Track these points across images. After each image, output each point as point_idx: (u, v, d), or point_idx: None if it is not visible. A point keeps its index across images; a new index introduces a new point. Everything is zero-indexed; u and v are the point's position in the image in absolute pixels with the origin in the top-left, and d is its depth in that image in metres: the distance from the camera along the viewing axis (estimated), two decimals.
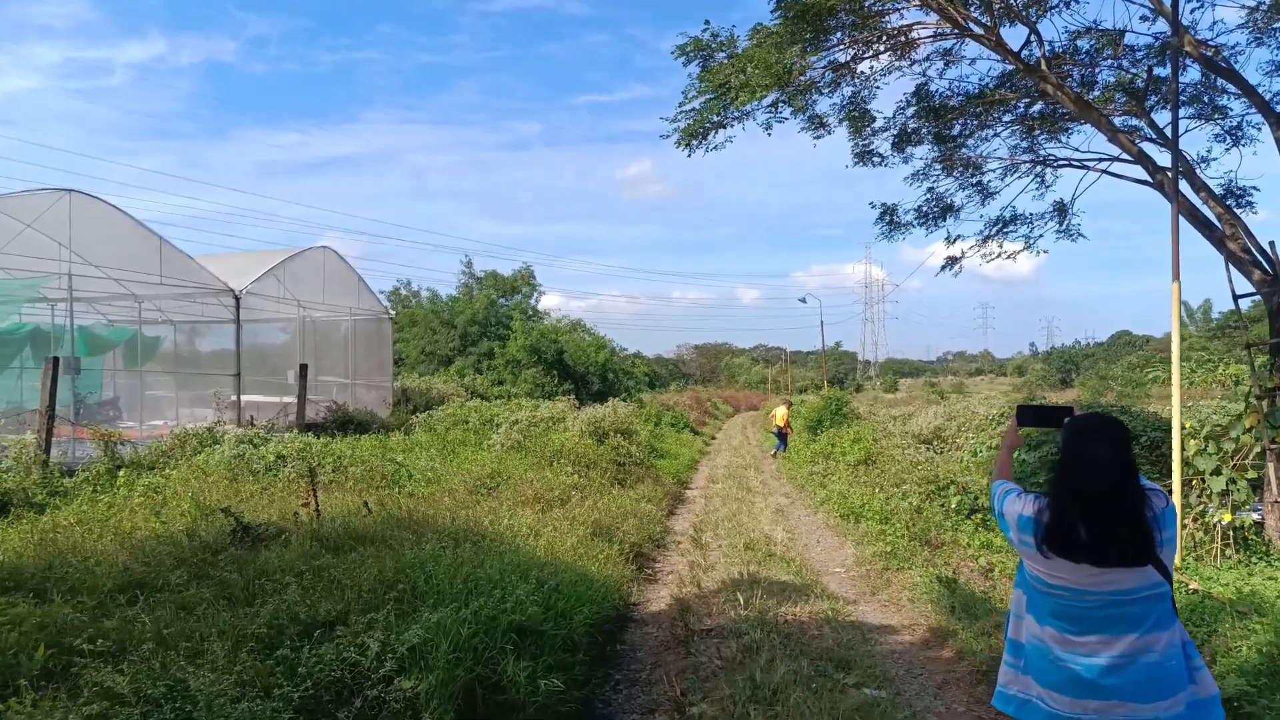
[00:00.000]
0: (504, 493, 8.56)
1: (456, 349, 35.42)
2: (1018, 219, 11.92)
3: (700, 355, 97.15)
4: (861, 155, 12.24)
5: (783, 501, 12.42)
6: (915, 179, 11.95)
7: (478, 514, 7.03)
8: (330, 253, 18.92)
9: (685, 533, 9.35)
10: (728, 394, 58.48)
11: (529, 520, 6.94)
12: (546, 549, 6.04)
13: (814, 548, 8.80)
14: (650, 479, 12.60)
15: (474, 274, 41.59)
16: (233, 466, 9.34)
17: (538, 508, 7.96)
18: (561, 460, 11.04)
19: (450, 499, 8.07)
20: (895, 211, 12.26)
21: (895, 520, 9.33)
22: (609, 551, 6.53)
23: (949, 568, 7.54)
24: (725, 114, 8.28)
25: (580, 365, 30.70)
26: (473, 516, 6.86)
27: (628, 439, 13.87)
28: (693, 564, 7.39)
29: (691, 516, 10.74)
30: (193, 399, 19.87)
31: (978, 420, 16.93)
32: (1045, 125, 11.62)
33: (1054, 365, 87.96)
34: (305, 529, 6.33)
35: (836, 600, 6.12)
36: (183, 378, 20.60)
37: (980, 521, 9.49)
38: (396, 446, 13.19)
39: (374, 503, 7.44)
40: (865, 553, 7.94)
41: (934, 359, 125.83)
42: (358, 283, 19.87)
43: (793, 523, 10.38)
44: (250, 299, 17.23)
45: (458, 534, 6.10)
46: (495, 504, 7.80)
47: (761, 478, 15.85)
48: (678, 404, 34.37)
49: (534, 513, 7.58)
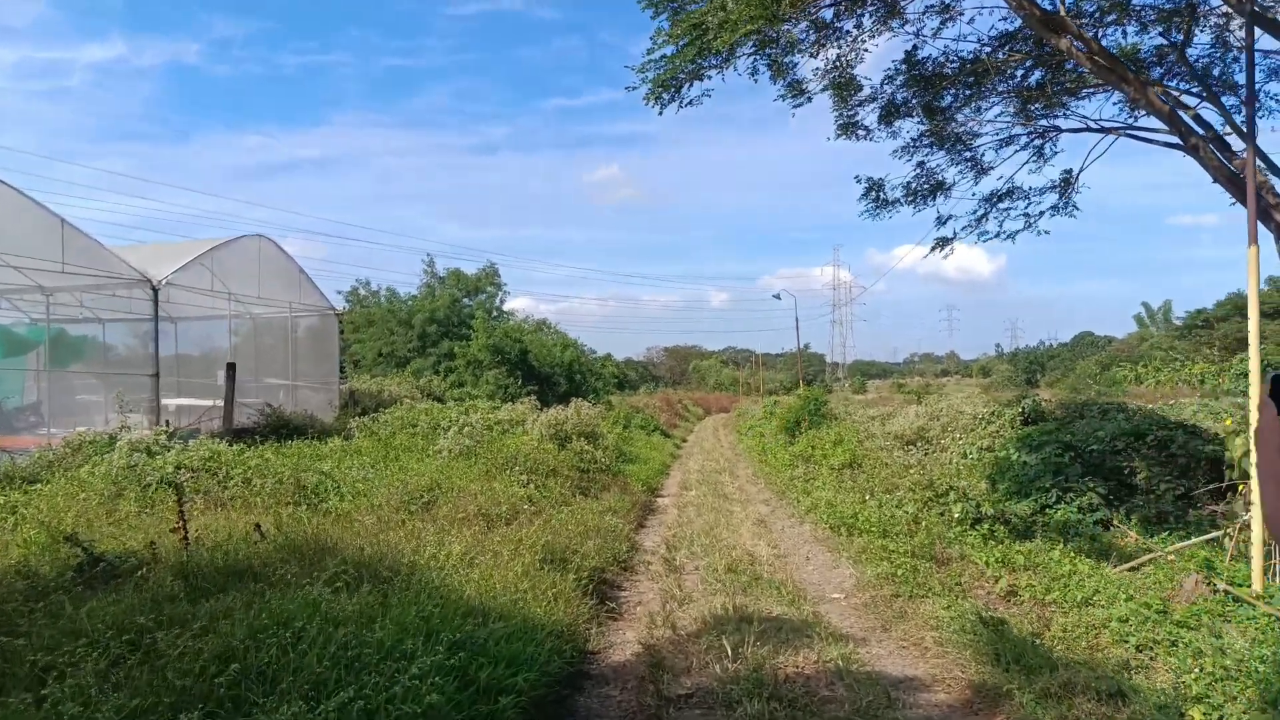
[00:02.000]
0: (441, 508, 7.22)
1: (415, 350, 33.75)
2: (1015, 193, 10.93)
3: (670, 358, 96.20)
4: (845, 128, 11.17)
5: (763, 510, 11.23)
6: (905, 152, 10.89)
7: (398, 539, 5.68)
8: (266, 242, 17.31)
9: (656, 550, 8.09)
10: (698, 396, 57.48)
11: (463, 545, 5.61)
12: (479, 586, 4.73)
13: (805, 566, 7.60)
14: (617, 487, 11.32)
15: (436, 273, 39.92)
16: (119, 480, 7.85)
17: (478, 527, 6.63)
18: (515, 468, 9.71)
19: (374, 518, 6.70)
20: (882, 187, 11.19)
21: (895, 533, 8.19)
22: (562, 583, 5.24)
23: (962, 589, 6.41)
24: (703, 61, 7.06)
25: (545, 366, 29.29)
26: (391, 542, 5.51)
27: (592, 443, 12.58)
28: (665, 593, 6.13)
29: (663, 530, 9.49)
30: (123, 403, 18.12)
31: (964, 420, 15.98)
32: (1043, 96, 10.63)
33: (1019, 366, 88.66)
34: (171, 561, 4.94)
35: (844, 641, 4.91)
36: (111, 380, 18.83)
37: (987, 532, 8.41)
38: (330, 454, 11.73)
39: (276, 524, 6.07)
40: (867, 574, 6.75)
41: (900, 360, 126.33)
42: (299, 275, 18.28)
43: (777, 536, 9.19)
44: (173, 291, 15.59)
45: (366, 566, 4.76)
46: (426, 524, 6.45)
47: (738, 483, 14.67)
48: (648, 406, 33.16)
49: (474, 533, 6.25)
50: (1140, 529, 9.28)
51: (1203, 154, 7.18)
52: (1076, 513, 9.39)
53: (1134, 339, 70.71)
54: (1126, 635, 4.67)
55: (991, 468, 11.51)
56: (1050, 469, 10.29)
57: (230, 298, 16.46)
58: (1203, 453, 10.52)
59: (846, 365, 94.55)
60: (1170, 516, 9.33)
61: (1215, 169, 7.10)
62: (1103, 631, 4.90)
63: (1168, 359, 37.70)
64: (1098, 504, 9.57)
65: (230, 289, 17.10)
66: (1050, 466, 10.35)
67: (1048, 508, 9.71)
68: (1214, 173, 7.13)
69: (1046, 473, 10.21)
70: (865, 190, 11.37)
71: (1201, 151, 7.18)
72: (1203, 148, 7.20)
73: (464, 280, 39.75)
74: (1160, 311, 76.51)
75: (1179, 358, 37.14)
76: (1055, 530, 8.88)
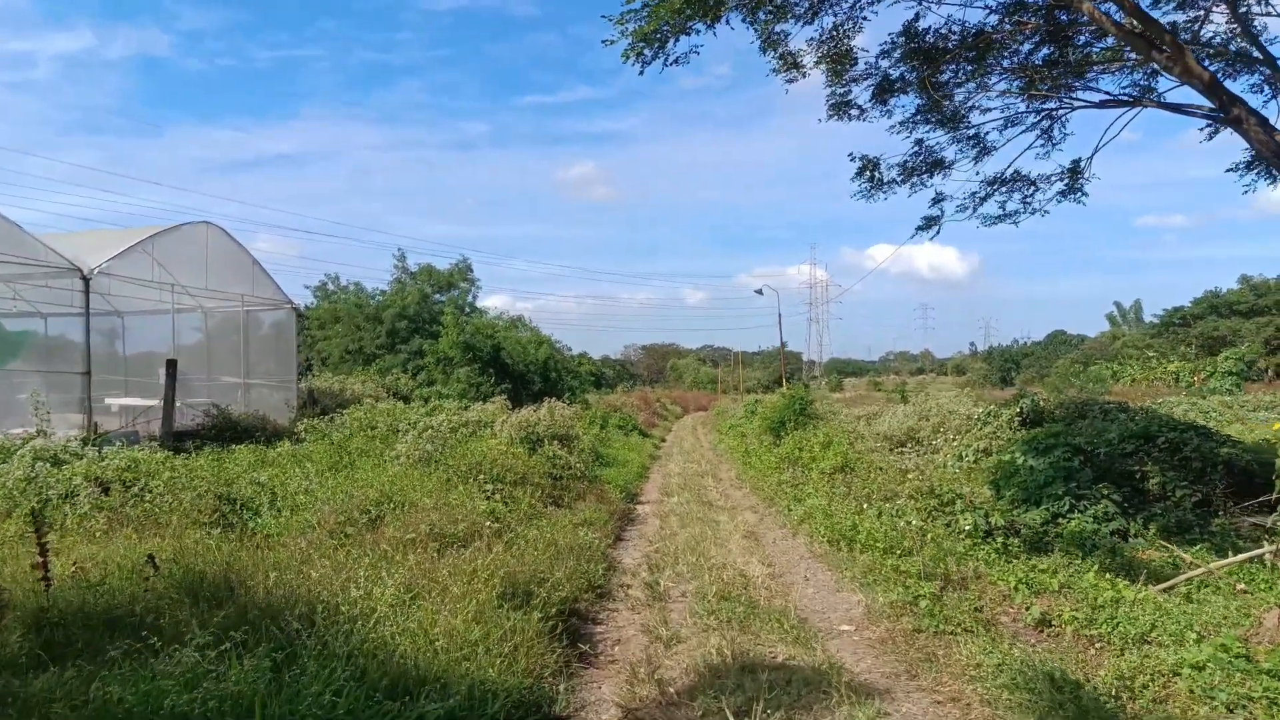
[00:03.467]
0: (387, 527, 6.23)
1: (384, 347, 32.52)
2: (1019, 179, 10.19)
3: (648, 356, 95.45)
4: (838, 106, 10.37)
5: (751, 519, 10.36)
6: (903, 127, 10.10)
7: (325, 571, 4.69)
8: (215, 230, 16.09)
9: (637, 571, 7.17)
10: (676, 394, 56.69)
11: (403, 578, 4.63)
12: (417, 638, 3.78)
13: (804, 589, 6.73)
14: (593, 495, 10.39)
15: (408, 268, 38.63)
16: (13, 496, 6.76)
17: (428, 551, 5.66)
18: (480, 477, 8.74)
19: (305, 541, 5.70)
20: (877, 166, 10.38)
21: (901, 549, 7.36)
22: (524, 626, 4.31)
23: (987, 620, 5.58)
24: (690, 10, 6.14)
25: (519, 364, 28.20)
26: (314, 577, 4.52)
27: (567, 447, 11.62)
28: (649, 631, 5.21)
29: (644, 544, 8.58)
30: (64, 402, 16.80)
31: (957, 421, 15.27)
32: (1049, 77, 9.89)
33: (994, 364, 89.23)
34: (27, 606, 3.92)
35: (868, 696, 4.03)
36: (52, 379, 17.50)
37: (1001, 547, 7.61)
38: (276, 460, 10.66)
39: (176, 553, 5.05)
40: (878, 600, 5.89)
41: (876, 359, 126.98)
42: (252, 267, 17.08)
43: (770, 551, 8.32)
44: (112, 282, 14.37)
45: (273, 614, 3.78)
46: (363, 550, 5.46)
47: (721, 488, 13.81)
48: (625, 405, 32.23)
49: (421, 560, 5.28)
50: (1159, 539, 8.57)
51: (1247, 126, 6.42)
52: (1092, 522, 8.65)
53: (1106, 337, 71.32)
54: (1210, 690, 3.84)
55: (995, 472, 10.75)
56: (1060, 474, 9.54)
57: (175, 289, 15.24)
58: (1218, 456, 9.85)
59: (823, 363, 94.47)
60: (1193, 526, 8.63)
61: (1261, 142, 6.36)
62: (1174, 681, 4.09)
63: (1144, 357, 37.72)
64: (1113, 512, 8.83)
65: (176, 280, 15.88)
66: (1060, 471, 9.60)
67: (1060, 517, 8.96)
68: (1260, 146, 6.39)
69: (1057, 478, 9.45)
70: (859, 170, 10.56)
71: (1246, 124, 6.42)
72: (1246, 119, 6.45)
73: (436, 276, 38.52)
74: (1131, 310, 77.43)
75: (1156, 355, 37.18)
76: (1070, 541, 8.12)
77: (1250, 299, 38.59)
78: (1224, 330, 37.23)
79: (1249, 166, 9.27)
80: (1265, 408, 20.73)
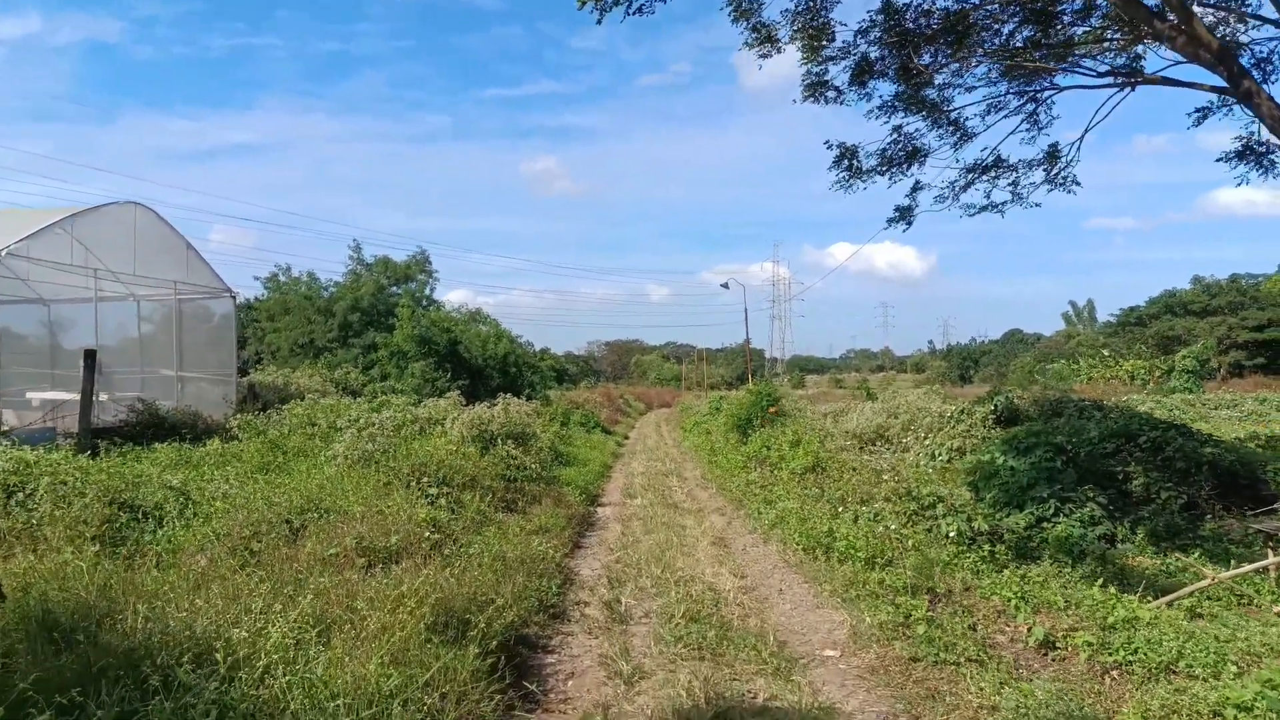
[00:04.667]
0: (309, 540, 5.42)
1: (336, 340, 31.19)
2: (1001, 162, 9.72)
3: (612, 352, 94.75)
4: (813, 87, 9.82)
5: (719, 523, 9.73)
6: (881, 112, 9.55)
7: (215, 599, 3.88)
8: (145, 211, 14.89)
9: (595, 585, 6.47)
10: (640, 391, 56.06)
11: (313, 605, 3.85)
12: (314, 692, 3.01)
13: (779, 604, 6.10)
14: (550, 498, 9.64)
15: (363, 259, 37.19)
16: None
17: (355, 569, 4.88)
18: (424, 479, 7.93)
19: (205, 558, 4.87)
20: (855, 155, 9.83)
21: (882, 558, 6.78)
22: (457, 665, 3.57)
23: (977, 633, 5.01)
24: None
25: (477, 358, 27.24)
26: (198, 609, 3.71)
27: (522, 446, 10.84)
28: (607, 663, 4.50)
29: (604, 553, 7.87)
30: None
31: (928, 419, 14.85)
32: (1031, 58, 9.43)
33: (953, 362, 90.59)
34: None
35: None
36: None
37: (987, 554, 7.08)
38: (201, 460, 9.70)
39: (52, 571, 4.20)
40: (864, 620, 5.27)
41: (837, 356, 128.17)
42: (187, 252, 15.90)
43: (741, 559, 7.68)
44: (26, 266, 13.17)
45: (129, 665, 2.98)
46: (274, 570, 4.64)
47: (687, 488, 13.17)
48: (588, 401, 31.45)
49: (340, 581, 4.49)
50: (1148, 545, 8.16)
51: (1258, 100, 5.96)
52: (1078, 526, 8.19)
53: (1061, 336, 72.75)
54: None
55: (973, 473, 10.28)
56: (1043, 476, 9.09)
57: (98, 274, 14.02)
58: (1202, 456, 9.51)
59: (785, 361, 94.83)
60: (1183, 531, 8.24)
61: (1275, 118, 5.89)
62: None
63: (1100, 355, 38.22)
64: (1099, 516, 8.41)
65: (103, 263, 14.66)
66: (1043, 473, 9.16)
67: (1045, 520, 8.50)
68: (1272, 122, 5.92)
69: (1040, 480, 9.00)
70: (837, 158, 10.00)
71: (1257, 97, 5.96)
72: (1258, 92, 5.99)
73: (392, 268, 37.19)
74: (1085, 310, 79.16)
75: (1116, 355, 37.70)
76: (1057, 548, 7.65)
77: (1204, 299, 39.34)
78: (1179, 329, 37.88)
79: (1240, 157, 8.86)
80: (1226, 405, 20.88)
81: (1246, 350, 36.21)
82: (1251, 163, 8.82)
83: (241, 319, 39.06)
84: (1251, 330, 36.24)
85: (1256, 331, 36.13)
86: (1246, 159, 8.79)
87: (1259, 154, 8.62)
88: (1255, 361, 35.94)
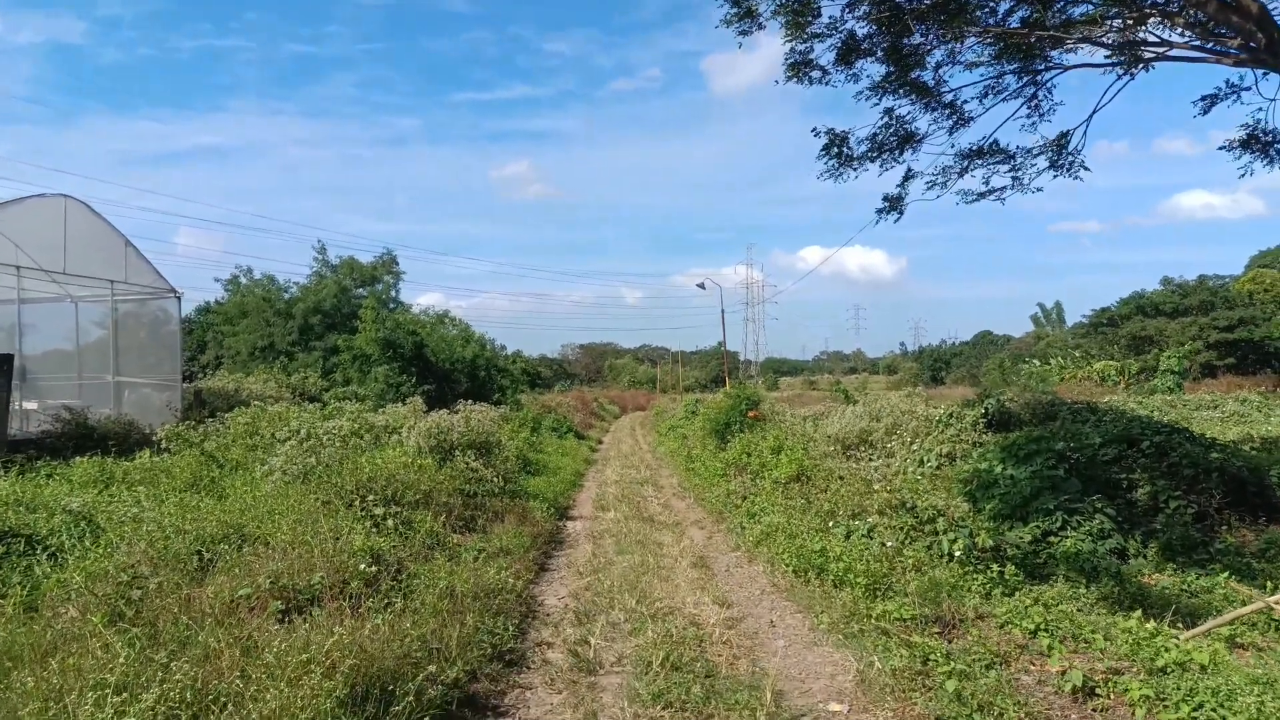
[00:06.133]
0: (218, 577, 4.54)
1: (296, 344, 29.95)
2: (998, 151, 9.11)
3: (585, 355, 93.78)
4: (797, 66, 9.10)
5: (699, 539, 8.97)
6: (873, 93, 8.88)
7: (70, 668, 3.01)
8: (76, 204, 13.76)
9: (561, 620, 5.66)
10: (614, 394, 55.30)
11: (188, 677, 2.99)
12: None
13: (772, 641, 5.34)
14: (514, 514, 8.80)
15: (329, 261, 35.91)
16: None
17: (270, 614, 4.02)
18: (370, 497, 7.06)
19: (76, 609, 3.97)
20: (846, 141, 9.15)
21: (882, 582, 6.07)
22: None
23: (986, 672, 4.30)
24: None
25: (445, 362, 26.20)
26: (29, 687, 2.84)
27: (485, 457, 9.99)
28: None
29: (572, 577, 7.05)
30: None
31: (914, 423, 14.23)
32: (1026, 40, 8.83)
33: (925, 364, 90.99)
34: None
35: None
36: None
37: (996, 575, 6.39)
38: (125, 477, 8.71)
39: None
40: (873, 666, 4.53)
41: (810, 358, 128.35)
42: (125, 248, 14.76)
43: (725, 584, 6.92)
44: None
45: None
46: (153, 624, 3.77)
47: (663, 498, 12.41)
48: (561, 405, 30.59)
49: (251, 631, 3.64)
50: (1163, 559, 7.55)
51: None
52: (1089, 541, 7.56)
53: (1031, 337, 73.38)
54: None
55: (969, 482, 9.63)
56: (1047, 485, 8.46)
57: (22, 272, 12.89)
58: (1210, 463, 8.96)
59: (759, 363, 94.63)
60: (1199, 545, 7.64)
61: None
62: None
63: (1071, 356, 38.23)
64: (1109, 529, 7.79)
65: (32, 259, 13.52)
66: (1046, 482, 8.52)
67: (1051, 534, 7.87)
68: None
69: (1044, 490, 8.37)
70: (825, 146, 9.30)
71: None
72: None
73: (358, 269, 35.98)
74: (1054, 311, 79.96)
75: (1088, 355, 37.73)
76: (1068, 565, 7.01)
77: (1175, 300, 39.53)
78: (1151, 330, 37.98)
79: (1245, 146, 8.33)
80: (1207, 406, 20.63)
81: (1218, 350, 36.40)
82: (1257, 152, 8.30)
83: (202, 322, 37.62)
84: (1222, 330, 36.45)
85: (1227, 332, 36.35)
86: (1252, 148, 8.27)
87: (1265, 143, 8.12)
88: (1226, 362, 36.14)
